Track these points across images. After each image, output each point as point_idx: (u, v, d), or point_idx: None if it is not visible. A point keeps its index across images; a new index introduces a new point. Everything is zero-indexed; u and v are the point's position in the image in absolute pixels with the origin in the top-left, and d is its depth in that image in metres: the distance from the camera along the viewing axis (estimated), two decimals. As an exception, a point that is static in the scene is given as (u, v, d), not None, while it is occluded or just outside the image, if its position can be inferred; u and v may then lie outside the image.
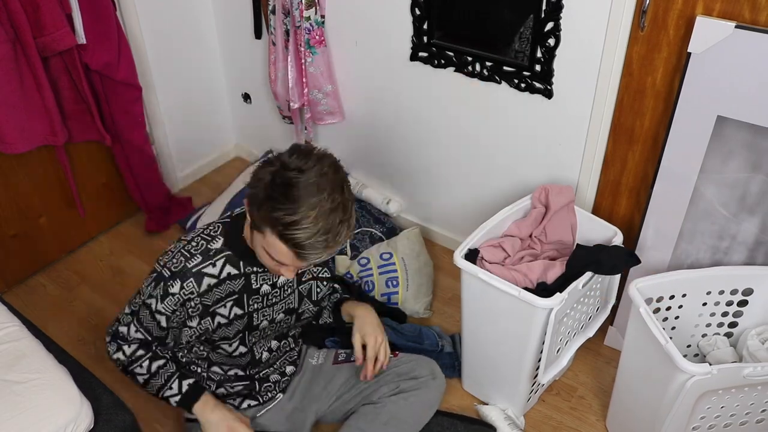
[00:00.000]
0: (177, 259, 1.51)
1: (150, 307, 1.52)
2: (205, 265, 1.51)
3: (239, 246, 1.53)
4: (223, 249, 1.52)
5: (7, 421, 1.47)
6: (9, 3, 2.00)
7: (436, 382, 1.82)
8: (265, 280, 1.59)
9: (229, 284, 1.53)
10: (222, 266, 1.52)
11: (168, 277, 1.50)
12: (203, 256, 1.51)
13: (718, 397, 1.61)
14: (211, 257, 1.51)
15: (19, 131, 2.19)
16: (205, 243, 1.53)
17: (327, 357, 1.90)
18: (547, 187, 2.00)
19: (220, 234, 1.54)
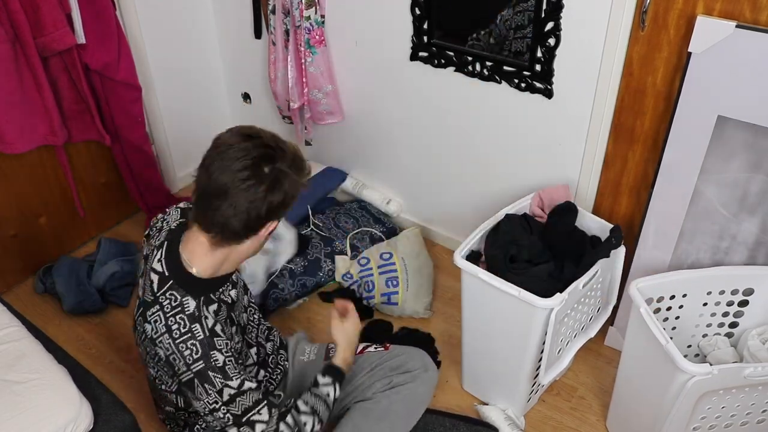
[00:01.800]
0: (188, 349, 1.40)
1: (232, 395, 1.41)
2: (204, 323, 1.42)
3: (203, 287, 1.46)
4: (198, 302, 1.43)
5: (7, 421, 1.47)
6: (9, 3, 2.00)
7: (428, 374, 1.81)
8: (229, 292, 1.57)
9: (220, 317, 1.48)
10: (208, 312, 1.45)
11: (205, 365, 1.39)
12: (196, 322, 1.42)
13: (719, 398, 1.61)
14: (199, 315, 1.42)
15: (18, 131, 2.19)
16: (182, 315, 1.41)
17: (318, 353, 1.90)
18: (540, 193, 2.01)
19: (183, 296, 1.43)
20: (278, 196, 1.37)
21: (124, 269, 2.45)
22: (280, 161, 1.37)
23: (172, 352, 1.40)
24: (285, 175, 1.37)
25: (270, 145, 1.37)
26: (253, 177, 1.34)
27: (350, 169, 2.82)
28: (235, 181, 1.33)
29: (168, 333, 1.40)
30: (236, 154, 1.34)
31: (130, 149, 2.57)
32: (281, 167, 1.36)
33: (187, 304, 1.42)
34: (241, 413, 1.42)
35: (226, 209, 1.35)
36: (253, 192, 1.34)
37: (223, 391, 1.40)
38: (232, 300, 1.57)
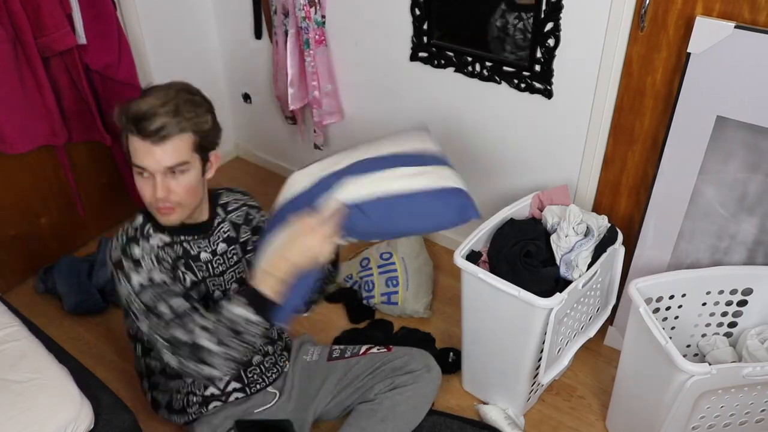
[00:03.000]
0: (116, 242, 1.53)
1: (145, 285, 1.47)
2: (142, 231, 1.54)
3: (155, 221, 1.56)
4: (145, 221, 1.56)
5: (8, 420, 1.48)
6: (9, 3, 2.00)
7: (431, 374, 1.81)
8: (201, 247, 1.61)
9: (170, 250, 1.56)
10: (154, 234, 1.55)
11: (121, 253, 1.50)
12: (135, 230, 1.54)
13: (718, 397, 1.61)
14: (140, 228, 1.54)
15: (19, 131, 2.19)
16: (128, 225, 1.56)
17: (321, 354, 1.90)
18: (539, 195, 2.02)
19: (138, 213, 1.58)
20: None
21: (125, 269, 2.45)
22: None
23: (108, 249, 1.55)
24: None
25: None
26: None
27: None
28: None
29: (115, 237, 1.56)
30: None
31: (130, 149, 2.57)
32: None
33: (137, 218, 1.57)
34: (151, 305, 1.47)
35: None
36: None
37: (130, 279, 1.47)
38: (202, 258, 1.61)
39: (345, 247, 2.55)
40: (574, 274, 1.80)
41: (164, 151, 1.41)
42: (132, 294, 1.49)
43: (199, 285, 1.61)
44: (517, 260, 1.81)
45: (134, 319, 1.51)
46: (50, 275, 2.46)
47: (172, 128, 1.40)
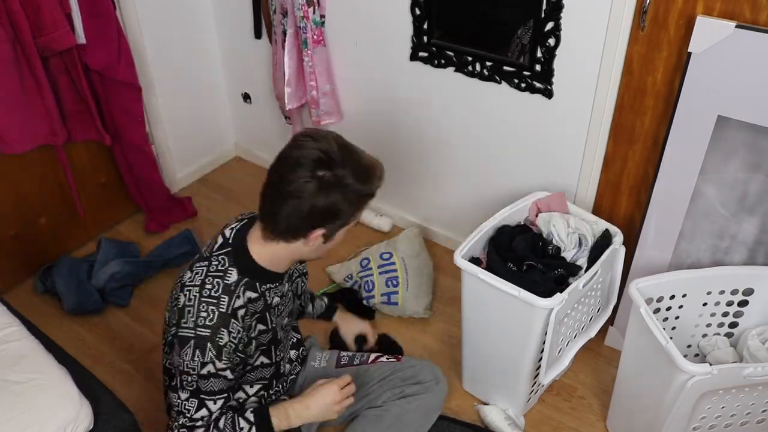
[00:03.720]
0: (205, 312, 1.40)
1: (211, 374, 1.41)
2: (233, 300, 1.43)
3: (253, 269, 1.48)
4: (240, 279, 1.45)
5: (8, 421, 1.47)
6: (9, 3, 2.00)
7: (439, 386, 1.81)
8: (275, 294, 1.56)
9: (252, 307, 1.49)
10: (243, 293, 1.46)
11: (210, 335, 1.39)
12: (227, 294, 1.42)
13: (719, 398, 1.61)
14: (233, 291, 1.43)
15: (19, 131, 2.19)
16: (220, 281, 1.43)
17: (329, 360, 1.90)
18: (536, 202, 2.02)
19: (230, 266, 1.45)
20: (323, 201, 1.36)
21: (125, 269, 2.45)
22: (340, 168, 1.35)
23: (192, 305, 1.41)
24: (338, 183, 1.35)
25: (330, 151, 1.37)
26: (303, 178, 1.35)
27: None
28: (287, 178, 1.36)
29: (200, 287, 1.42)
30: (301, 154, 1.37)
31: (130, 149, 2.57)
32: (338, 173, 1.35)
33: (231, 275, 1.44)
34: (203, 391, 1.43)
35: (275, 203, 1.39)
36: (298, 192, 1.35)
37: (206, 365, 1.40)
38: (274, 304, 1.56)
39: (344, 246, 2.54)
40: (570, 280, 1.81)
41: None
42: (193, 374, 1.42)
43: (267, 333, 1.57)
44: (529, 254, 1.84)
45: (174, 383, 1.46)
46: (50, 275, 2.46)
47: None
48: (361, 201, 1.43)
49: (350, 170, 1.37)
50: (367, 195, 1.43)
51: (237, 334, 1.43)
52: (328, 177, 1.35)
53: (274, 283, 1.53)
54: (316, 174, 1.34)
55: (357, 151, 1.42)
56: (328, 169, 1.35)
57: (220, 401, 1.45)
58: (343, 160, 1.36)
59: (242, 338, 1.46)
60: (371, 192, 1.43)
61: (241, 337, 1.45)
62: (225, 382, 1.44)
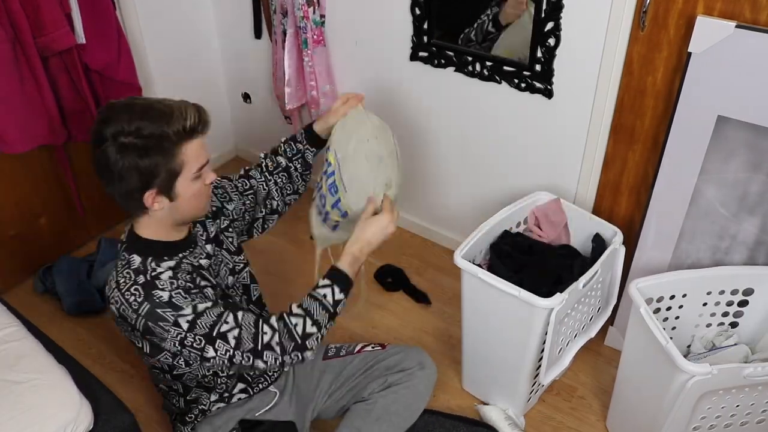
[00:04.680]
0: (132, 296, 1.41)
1: (193, 320, 1.40)
2: (149, 272, 1.44)
3: (153, 247, 1.48)
4: (145, 259, 1.47)
5: (7, 421, 1.47)
6: (9, 2, 2.00)
7: (425, 371, 1.80)
8: (198, 256, 1.56)
9: (180, 269, 1.49)
10: (159, 266, 1.47)
11: (150, 306, 1.40)
12: (140, 274, 1.44)
13: (719, 398, 1.61)
14: (144, 270, 1.45)
15: (18, 131, 2.19)
16: (128, 269, 1.45)
17: (317, 352, 1.89)
18: (534, 210, 2.04)
19: (130, 254, 1.47)
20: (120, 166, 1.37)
21: (124, 269, 2.44)
22: (122, 134, 1.35)
23: (121, 303, 1.43)
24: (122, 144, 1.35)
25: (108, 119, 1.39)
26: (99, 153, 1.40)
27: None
28: (95, 162, 1.42)
29: (117, 288, 1.44)
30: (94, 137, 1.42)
31: (130, 149, 2.56)
32: (120, 138, 1.35)
33: (133, 259, 1.47)
34: (209, 330, 1.42)
35: (105, 189, 1.44)
36: (103, 168, 1.40)
37: (179, 322, 1.40)
38: (202, 265, 1.56)
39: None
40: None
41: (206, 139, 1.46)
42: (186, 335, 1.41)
43: (216, 288, 1.58)
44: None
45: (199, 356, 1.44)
46: (49, 275, 2.46)
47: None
48: (161, 146, 1.36)
49: (134, 127, 1.35)
50: (163, 137, 1.36)
51: (171, 285, 1.43)
52: (116, 142, 1.35)
53: (186, 250, 1.54)
54: (104, 146, 1.36)
55: (142, 105, 1.40)
56: (117, 137, 1.35)
57: (229, 316, 1.44)
58: (121, 121, 1.36)
59: (184, 284, 1.45)
60: (165, 133, 1.36)
61: (179, 284, 1.44)
62: (211, 308, 1.44)
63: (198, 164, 1.43)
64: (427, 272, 2.59)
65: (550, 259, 1.93)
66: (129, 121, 1.35)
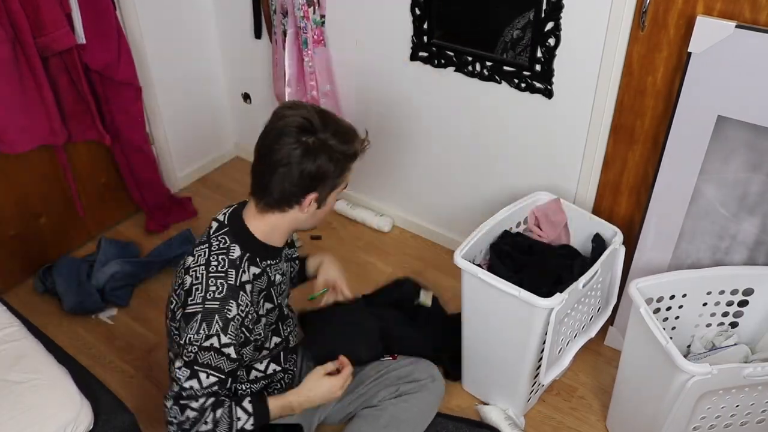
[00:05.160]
0: (214, 286, 1.42)
1: (213, 347, 1.41)
2: (240, 273, 1.46)
3: (254, 244, 1.51)
4: (243, 254, 1.48)
5: (7, 421, 1.47)
6: (9, 3, 2.00)
7: (435, 384, 1.81)
8: (276, 271, 1.59)
9: (257, 283, 1.52)
10: (247, 268, 1.49)
11: (219, 306, 1.41)
12: (234, 268, 1.46)
13: (719, 398, 1.61)
14: (239, 265, 1.47)
15: (18, 131, 2.19)
16: (225, 256, 1.46)
17: None
18: (534, 211, 2.03)
19: (232, 242, 1.49)
20: (311, 165, 1.40)
21: (125, 269, 2.45)
22: (322, 132, 1.41)
23: (200, 282, 1.44)
24: (322, 145, 1.41)
25: (310, 118, 1.42)
26: (289, 145, 1.39)
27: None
28: (274, 148, 1.40)
29: (206, 266, 1.45)
30: (284, 123, 1.42)
31: (130, 149, 2.57)
32: (320, 137, 1.40)
33: (234, 250, 1.47)
34: (199, 363, 1.41)
35: (266, 174, 1.43)
36: (287, 159, 1.39)
37: (210, 338, 1.40)
38: (276, 281, 1.59)
39: (344, 246, 2.52)
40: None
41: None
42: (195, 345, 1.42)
43: (273, 311, 1.59)
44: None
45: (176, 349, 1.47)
46: (49, 275, 2.46)
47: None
48: (345, 161, 1.46)
49: (331, 133, 1.42)
50: (351, 155, 1.47)
51: (245, 307, 1.45)
52: (313, 141, 1.40)
53: (274, 260, 1.57)
54: (301, 140, 1.39)
55: (335, 117, 1.48)
56: (311, 134, 1.40)
57: (213, 379, 1.42)
58: (324, 124, 1.42)
59: (250, 313, 1.47)
60: (354, 152, 1.47)
61: (249, 311, 1.47)
62: (224, 362, 1.43)
63: (346, 183, 1.52)
64: (427, 272, 2.59)
65: (550, 259, 1.93)
66: (323, 128, 1.42)
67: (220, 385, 1.44)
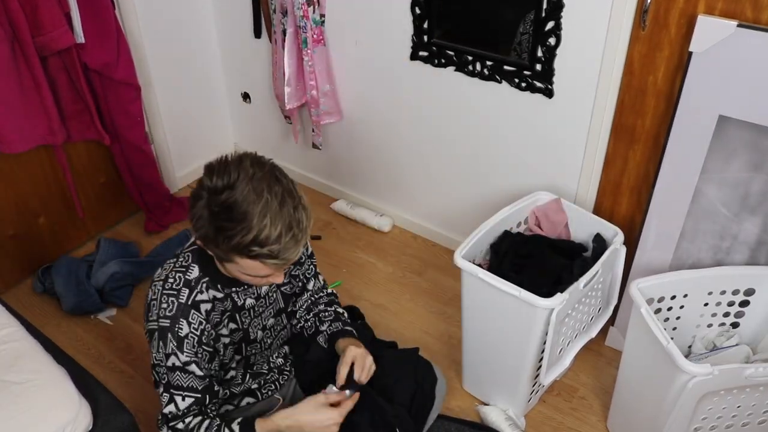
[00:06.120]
0: (166, 303, 1.42)
1: (176, 366, 1.42)
2: (194, 293, 1.44)
3: (213, 271, 1.47)
4: (201, 276, 1.46)
5: (6, 421, 1.47)
6: (7, 2, 1.99)
7: (437, 384, 1.80)
8: (248, 295, 1.55)
9: (219, 305, 1.50)
10: (206, 290, 1.47)
11: (170, 325, 1.41)
12: (188, 288, 1.44)
13: (720, 398, 1.60)
14: (194, 286, 1.45)
15: (17, 131, 2.19)
16: (182, 275, 1.45)
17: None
18: (534, 210, 2.03)
19: (193, 262, 1.46)
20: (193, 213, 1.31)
21: (124, 269, 2.44)
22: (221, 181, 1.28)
23: (155, 298, 1.44)
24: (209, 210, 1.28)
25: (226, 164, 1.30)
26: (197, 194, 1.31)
27: (347, 177, 2.83)
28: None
29: (164, 281, 1.45)
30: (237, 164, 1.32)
31: (129, 149, 2.56)
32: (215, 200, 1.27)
33: (192, 271, 1.46)
34: (173, 386, 1.44)
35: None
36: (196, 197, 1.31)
37: (169, 357, 1.41)
38: (247, 306, 1.55)
39: (345, 247, 2.52)
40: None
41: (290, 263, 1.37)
42: (162, 366, 1.43)
43: (238, 332, 1.57)
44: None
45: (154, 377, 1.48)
46: (48, 275, 2.46)
47: (300, 252, 1.34)
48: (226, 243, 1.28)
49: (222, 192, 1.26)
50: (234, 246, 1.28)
51: (198, 326, 1.44)
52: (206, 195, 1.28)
53: (241, 286, 1.52)
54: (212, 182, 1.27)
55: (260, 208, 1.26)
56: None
57: (189, 399, 1.44)
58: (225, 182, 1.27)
59: (206, 331, 1.46)
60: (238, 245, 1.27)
61: (204, 329, 1.45)
62: (193, 379, 1.44)
63: (255, 274, 1.36)
64: (427, 272, 2.59)
65: (550, 259, 1.92)
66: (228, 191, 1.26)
67: (199, 404, 1.46)
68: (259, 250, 1.27)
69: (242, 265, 1.33)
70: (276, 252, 1.28)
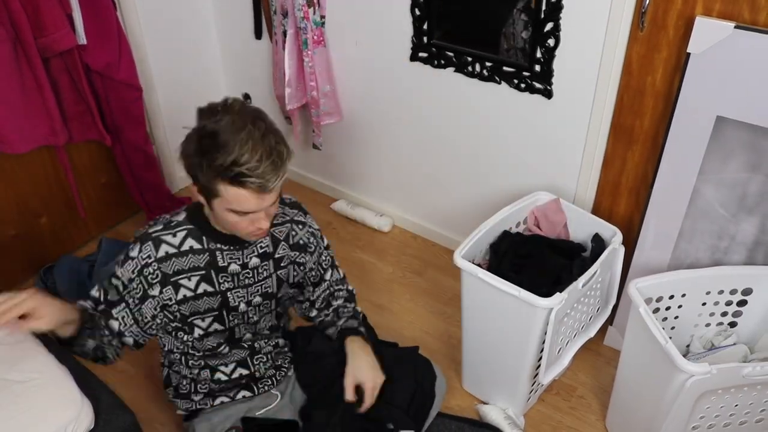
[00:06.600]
0: (142, 230, 1.55)
1: (110, 271, 1.54)
2: (165, 233, 1.52)
3: (201, 222, 1.53)
4: (184, 222, 1.54)
5: (8, 420, 1.47)
6: (9, 3, 2.00)
7: (437, 381, 1.81)
8: (233, 259, 1.57)
9: (192, 258, 1.53)
10: (183, 238, 1.52)
11: (130, 246, 1.54)
12: (164, 226, 1.54)
13: (718, 397, 1.61)
14: (171, 228, 1.53)
15: (19, 131, 2.19)
16: (168, 216, 1.57)
17: None
18: (533, 211, 2.04)
19: (184, 210, 1.57)
20: (184, 150, 1.39)
21: (125, 269, 2.45)
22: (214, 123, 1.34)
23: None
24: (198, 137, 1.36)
25: (215, 105, 1.38)
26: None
27: (346, 177, 2.84)
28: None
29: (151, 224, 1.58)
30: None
31: (130, 149, 2.57)
32: (207, 127, 1.35)
33: (178, 216, 1.56)
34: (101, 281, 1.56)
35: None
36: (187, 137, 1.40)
37: (114, 266, 1.55)
38: (230, 270, 1.57)
39: (345, 248, 2.51)
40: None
41: (270, 197, 1.39)
42: (106, 279, 1.54)
43: (214, 296, 1.58)
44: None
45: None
46: (50, 275, 2.46)
47: (279, 181, 1.37)
48: (211, 169, 1.34)
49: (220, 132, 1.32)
50: (217, 167, 1.33)
51: (148, 258, 1.51)
52: (196, 127, 1.37)
53: (228, 246, 1.55)
54: (202, 122, 1.36)
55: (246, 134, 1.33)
56: (207, 119, 1.35)
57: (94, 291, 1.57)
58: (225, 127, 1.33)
59: (154, 270, 1.52)
60: (221, 165, 1.32)
61: (151, 264, 1.51)
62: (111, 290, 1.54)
63: (238, 207, 1.39)
64: (427, 272, 2.59)
65: (549, 259, 1.93)
66: (215, 122, 1.34)
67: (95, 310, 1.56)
68: (238, 168, 1.31)
69: (226, 197, 1.36)
70: (255, 175, 1.32)
